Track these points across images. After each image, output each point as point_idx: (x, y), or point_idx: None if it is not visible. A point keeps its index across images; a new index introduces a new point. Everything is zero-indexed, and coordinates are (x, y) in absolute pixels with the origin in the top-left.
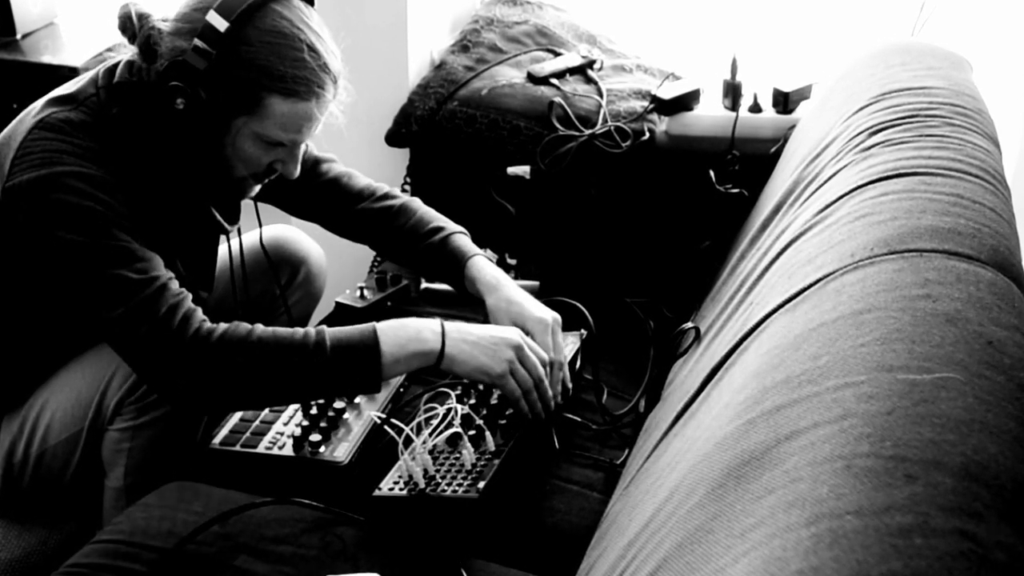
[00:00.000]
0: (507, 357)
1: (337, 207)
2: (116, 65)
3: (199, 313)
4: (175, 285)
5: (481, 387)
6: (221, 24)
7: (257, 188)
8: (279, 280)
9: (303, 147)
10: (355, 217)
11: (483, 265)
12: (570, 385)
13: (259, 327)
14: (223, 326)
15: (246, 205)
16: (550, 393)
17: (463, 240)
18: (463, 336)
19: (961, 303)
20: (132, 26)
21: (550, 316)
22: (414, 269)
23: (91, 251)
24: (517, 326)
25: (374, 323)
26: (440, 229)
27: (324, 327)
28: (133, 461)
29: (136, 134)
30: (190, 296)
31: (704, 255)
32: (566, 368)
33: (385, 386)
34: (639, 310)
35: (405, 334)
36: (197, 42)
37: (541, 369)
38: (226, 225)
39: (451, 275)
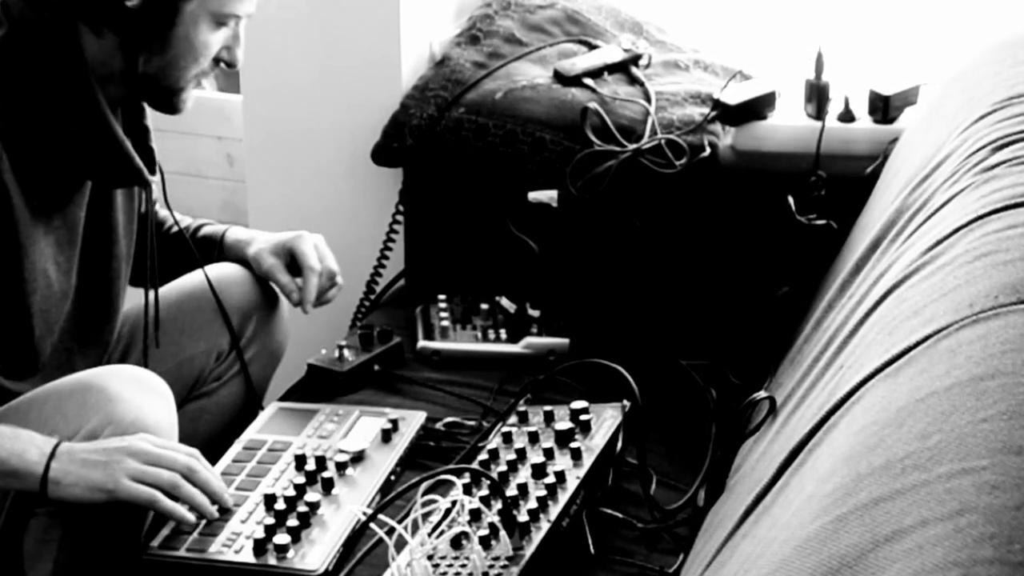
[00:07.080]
0: (125, 467)
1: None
2: None
3: None
4: None
5: (495, 475)
6: None
7: (192, 95)
8: (234, 335)
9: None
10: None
11: (239, 230)
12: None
13: None
14: None
15: None
16: (210, 483)
17: (218, 226)
18: (73, 456)
19: None
20: None
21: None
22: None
23: None
24: (277, 254)
25: None
26: (197, 222)
27: None
28: (64, 556)
29: (30, 58)
30: None
31: (781, 305)
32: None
33: (372, 472)
34: (697, 376)
35: (10, 446)
36: None
37: (185, 460)
38: (146, 173)
39: (214, 256)
